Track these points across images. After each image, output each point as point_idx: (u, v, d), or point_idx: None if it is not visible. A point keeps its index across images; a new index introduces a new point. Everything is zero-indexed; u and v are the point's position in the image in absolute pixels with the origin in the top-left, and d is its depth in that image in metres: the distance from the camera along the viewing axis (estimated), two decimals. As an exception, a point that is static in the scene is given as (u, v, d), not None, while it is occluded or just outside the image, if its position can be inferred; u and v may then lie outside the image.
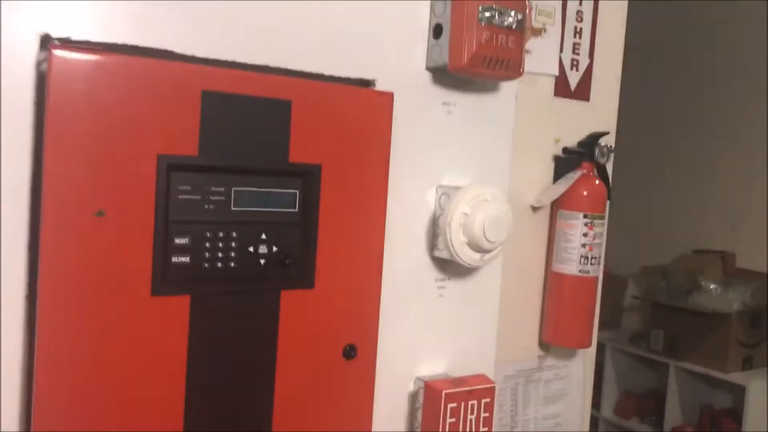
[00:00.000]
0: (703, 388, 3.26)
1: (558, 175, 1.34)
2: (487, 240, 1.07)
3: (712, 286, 3.05)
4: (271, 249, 0.96)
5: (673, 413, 3.20)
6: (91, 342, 0.84)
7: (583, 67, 1.37)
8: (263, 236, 0.96)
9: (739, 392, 3.06)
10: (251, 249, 0.95)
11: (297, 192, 0.98)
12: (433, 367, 1.16)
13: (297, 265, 0.98)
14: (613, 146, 1.34)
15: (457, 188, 1.10)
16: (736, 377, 2.98)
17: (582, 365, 1.46)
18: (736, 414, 3.13)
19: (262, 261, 0.96)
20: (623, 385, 3.52)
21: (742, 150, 3.37)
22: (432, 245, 1.13)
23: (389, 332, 1.09)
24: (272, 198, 0.96)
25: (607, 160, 1.34)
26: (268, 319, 0.96)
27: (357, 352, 1.03)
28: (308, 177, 0.98)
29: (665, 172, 3.67)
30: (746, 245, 3.28)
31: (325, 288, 1.00)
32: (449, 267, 1.16)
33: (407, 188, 1.10)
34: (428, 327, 1.15)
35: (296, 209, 0.98)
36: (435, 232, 1.13)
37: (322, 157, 0.98)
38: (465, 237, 1.08)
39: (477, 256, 1.10)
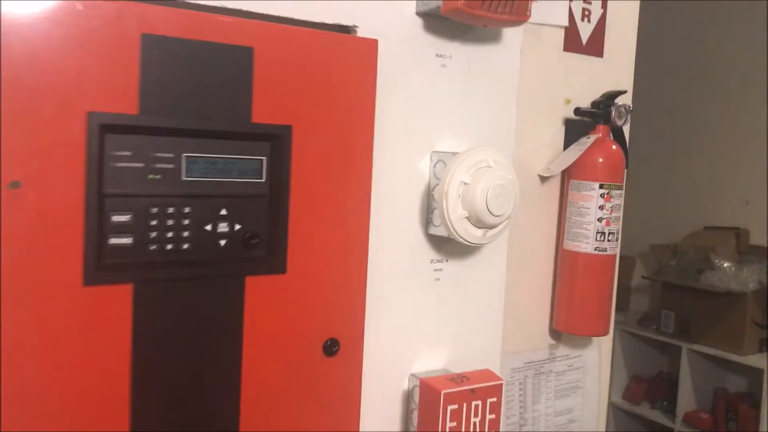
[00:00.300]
0: (716, 371, 3.12)
1: (569, 140, 1.19)
2: (491, 213, 0.92)
3: (725, 265, 2.90)
4: (233, 227, 0.81)
5: (685, 398, 3.06)
6: (11, 342, 0.69)
7: (595, 18, 1.21)
8: (223, 212, 0.80)
9: (754, 375, 2.92)
10: (208, 227, 0.79)
11: (263, 159, 0.82)
12: (430, 361, 1.01)
13: (265, 246, 0.82)
14: (631, 106, 1.18)
15: (454, 154, 0.95)
16: (753, 360, 2.83)
17: (597, 354, 1.31)
18: (752, 398, 2.99)
19: (222, 242, 0.80)
20: (632, 369, 3.37)
21: (756, 120, 3.20)
22: (427, 221, 0.98)
23: (378, 323, 0.94)
24: (233, 166, 0.80)
25: (625, 122, 1.18)
26: (231, 312, 0.80)
27: (340, 348, 0.88)
28: (276, 140, 0.82)
29: (674, 143, 3.51)
30: (760, 220, 3.12)
31: (300, 273, 0.84)
32: (447, 246, 1.01)
33: (396, 154, 0.95)
34: (423, 316, 1.00)
35: (263, 179, 0.82)
36: (430, 205, 0.97)
37: (292, 116, 0.82)
38: (465, 210, 0.92)
39: (479, 232, 0.94)
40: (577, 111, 1.18)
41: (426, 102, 0.97)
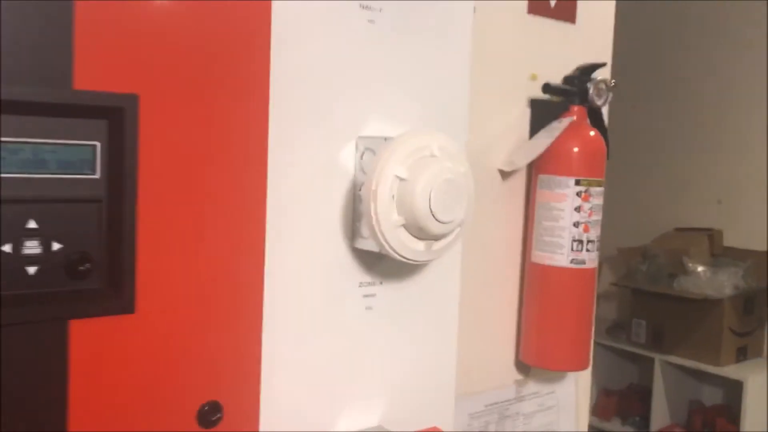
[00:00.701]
0: (691, 383, 2.94)
1: (536, 124, 0.97)
2: (436, 219, 0.67)
3: (699, 269, 2.72)
4: (49, 247, 0.54)
5: (659, 412, 2.87)
6: None
7: (565, -26, 0.99)
8: (31, 224, 0.54)
9: (732, 387, 2.74)
10: (7, 248, 0.53)
11: (97, 144, 0.56)
12: (360, 419, 0.76)
13: (101, 274, 0.56)
14: (614, 82, 0.95)
15: (386, 140, 0.69)
16: (730, 371, 2.65)
17: (574, 389, 1.07)
18: (729, 411, 2.81)
19: (32, 269, 0.54)
20: (601, 383, 3.17)
21: (729, 117, 3.04)
22: (352, 231, 0.73)
23: (283, 373, 0.69)
24: (48, 155, 0.54)
25: (606, 101, 0.96)
26: (47, 374, 0.54)
27: (223, 414, 0.62)
28: (116, 116, 0.56)
29: (643, 140, 3.33)
30: (734, 221, 2.95)
31: (157, 312, 0.58)
32: (380, 264, 0.76)
33: (308, 141, 0.70)
34: (350, 357, 0.75)
35: (96, 175, 0.56)
36: (356, 209, 0.73)
37: (140, 81, 0.56)
38: (400, 216, 0.67)
39: (420, 245, 0.70)
40: (547, 88, 0.95)
41: (348, 70, 0.72)
